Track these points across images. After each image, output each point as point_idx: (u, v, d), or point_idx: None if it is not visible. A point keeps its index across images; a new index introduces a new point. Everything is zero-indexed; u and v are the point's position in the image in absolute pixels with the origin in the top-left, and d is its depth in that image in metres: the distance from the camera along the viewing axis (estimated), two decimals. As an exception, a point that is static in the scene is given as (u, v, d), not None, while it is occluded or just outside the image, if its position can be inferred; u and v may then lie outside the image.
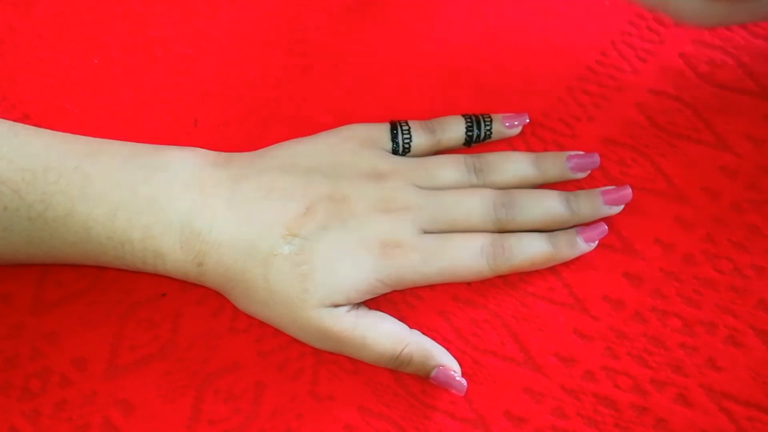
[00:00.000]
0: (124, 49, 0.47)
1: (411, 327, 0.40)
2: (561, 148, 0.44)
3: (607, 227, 0.41)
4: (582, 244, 0.41)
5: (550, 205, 0.41)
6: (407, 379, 0.39)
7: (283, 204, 0.39)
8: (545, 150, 0.44)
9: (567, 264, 0.41)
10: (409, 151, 0.43)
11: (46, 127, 0.40)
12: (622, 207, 0.42)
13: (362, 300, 0.39)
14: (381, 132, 0.43)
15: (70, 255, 0.39)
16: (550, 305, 0.41)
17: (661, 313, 0.40)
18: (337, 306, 0.38)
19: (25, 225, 0.38)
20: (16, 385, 0.40)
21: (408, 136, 0.42)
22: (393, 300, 0.41)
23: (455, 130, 0.43)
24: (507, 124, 0.44)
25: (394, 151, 0.42)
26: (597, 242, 0.41)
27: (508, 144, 0.44)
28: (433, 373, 0.38)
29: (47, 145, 0.38)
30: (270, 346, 0.40)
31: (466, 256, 0.39)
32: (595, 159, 0.43)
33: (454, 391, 0.39)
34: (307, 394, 0.39)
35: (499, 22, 0.47)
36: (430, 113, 0.44)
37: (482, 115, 0.44)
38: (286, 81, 0.46)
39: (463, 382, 0.39)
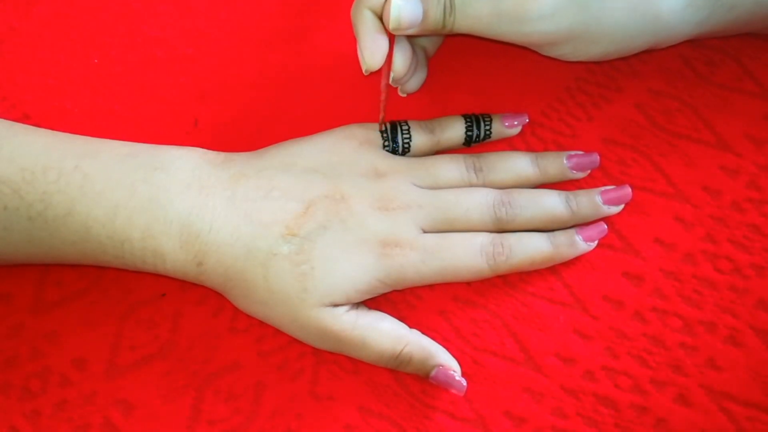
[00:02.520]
0: (124, 49, 0.47)
1: (411, 327, 0.40)
2: (561, 148, 0.44)
3: (606, 227, 0.41)
4: (582, 244, 0.41)
5: (550, 205, 0.41)
6: (407, 379, 0.39)
7: (283, 203, 0.39)
8: (545, 150, 0.44)
9: (567, 264, 0.41)
10: (408, 151, 0.43)
11: (46, 127, 0.40)
12: (621, 207, 0.42)
13: (362, 299, 0.39)
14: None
15: (70, 254, 0.39)
16: (550, 305, 0.40)
17: (661, 313, 0.40)
18: (336, 305, 0.38)
19: (25, 224, 0.38)
20: (16, 385, 0.39)
21: (408, 136, 0.42)
22: (393, 300, 0.41)
23: (455, 130, 0.43)
24: (507, 124, 0.44)
25: (394, 151, 0.42)
26: (597, 242, 0.41)
27: (508, 144, 0.44)
28: (432, 373, 0.38)
29: (47, 145, 0.38)
30: (270, 346, 0.40)
31: (466, 256, 0.39)
32: (595, 159, 0.43)
33: (453, 390, 0.39)
34: (307, 394, 0.39)
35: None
36: (430, 113, 0.44)
37: (482, 115, 0.44)
38: (285, 81, 0.46)
39: (463, 381, 0.39)
